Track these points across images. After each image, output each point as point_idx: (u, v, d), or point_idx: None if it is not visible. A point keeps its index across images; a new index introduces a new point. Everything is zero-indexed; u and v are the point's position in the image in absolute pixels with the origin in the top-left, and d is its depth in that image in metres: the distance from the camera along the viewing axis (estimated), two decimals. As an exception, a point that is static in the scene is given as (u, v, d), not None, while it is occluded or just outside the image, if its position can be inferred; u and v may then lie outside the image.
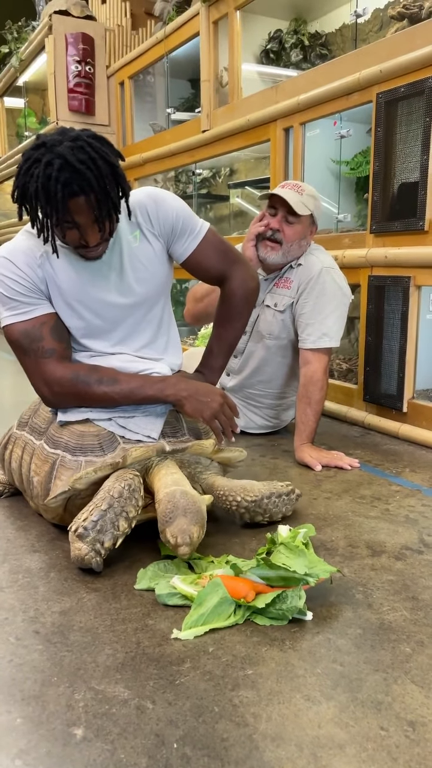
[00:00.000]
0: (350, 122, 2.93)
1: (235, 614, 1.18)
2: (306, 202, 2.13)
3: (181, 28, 3.96)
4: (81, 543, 1.31)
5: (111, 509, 1.33)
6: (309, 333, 2.16)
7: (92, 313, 1.53)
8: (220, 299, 1.73)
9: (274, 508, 1.56)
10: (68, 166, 1.29)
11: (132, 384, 1.49)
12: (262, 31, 3.84)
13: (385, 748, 0.88)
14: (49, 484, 1.48)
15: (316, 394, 2.12)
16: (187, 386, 1.50)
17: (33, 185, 1.31)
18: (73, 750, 0.87)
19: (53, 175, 1.28)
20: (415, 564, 1.41)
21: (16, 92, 6.54)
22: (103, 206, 1.35)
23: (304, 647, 1.10)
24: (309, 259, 2.23)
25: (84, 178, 1.30)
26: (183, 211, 1.58)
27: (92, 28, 4.93)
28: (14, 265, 1.46)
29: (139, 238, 1.55)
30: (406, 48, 2.30)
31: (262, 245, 2.19)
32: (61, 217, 1.33)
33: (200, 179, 4.59)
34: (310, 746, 0.88)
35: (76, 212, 1.33)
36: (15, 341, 1.50)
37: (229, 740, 0.89)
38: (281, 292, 2.25)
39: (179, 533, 1.28)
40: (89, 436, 1.50)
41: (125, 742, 0.89)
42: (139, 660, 1.07)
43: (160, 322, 1.64)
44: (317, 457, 2.09)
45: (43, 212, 1.34)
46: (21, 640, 1.13)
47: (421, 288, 2.36)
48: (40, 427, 1.62)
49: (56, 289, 1.50)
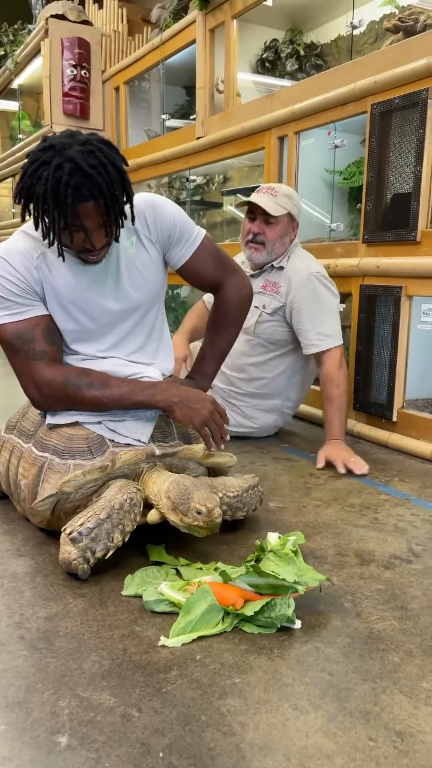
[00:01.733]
0: (344, 132, 2.94)
1: (223, 622, 1.16)
2: (281, 202, 2.24)
3: (178, 35, 3.97)
4: (72, 547, 1.30)
5: (109, 519, 1.31)
6: (310, 339, 2.25)
7: (87, 317, 1.52)
8: (214, 306, 1.73)
9: (249, 500, 1.59)
10: (79, 171, 1.28)
11: (123, 389, 1.48)
12: (258, 41, 3.87)
13: (373, 758, 0.87)
14: (36, 487, 1.46)
15: (333, 390, 2.20)
16: (178, 392, 1.49)
17: (41, 187, 1.30)
18: (57, 758, 0.86)
19: (63, 179, 1.27)
20: (403, 573, 1.41)
21: (10, 95, 6.53)
22: (111, 211, 1.35)
23: (292, 656, 1.09)
24: (295, 264, 2.32)
25: (94, 183, 1.29)
26: (180, 218, 1.58)
27: (88, 32, 4.94)
28: (10, 265, 1.45)
29: (136, 243, 1.55)
30: (401, 60, 2.32)
31: (247, 248, 2.33)
32: (69, 221, 1.32)
33: (194, 186, 4.60)
34: (298, 756, 0.87)
35: (85, 216, 1.32)
36: (6, 341, 1.49)
37: (216, 749, 0.88)
38: (270, 295, 2.34)
39: (206, 500, 1.30)
40: (78, 440, 1.48)
41: (110, 750, 0.87)
42: (125, 667, 1.05)
43: (153, 327, 1.63)
44: (336, 455, 2.15)
45: (51, 215, 1.33)
46: (5, 645, 1.11)
47: (412, 298, 2.37)
48: (29, 430, 1.61)
49: (51, 292, 1.49)
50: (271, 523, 1.67)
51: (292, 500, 1.85)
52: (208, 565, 1.38)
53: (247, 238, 2.31)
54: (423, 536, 1.61)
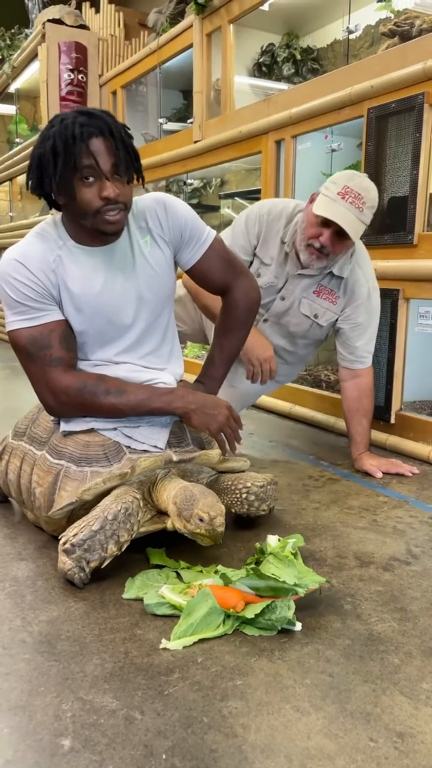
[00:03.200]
0: (341, 136, 2.96)
1: (224, 624, 1.17)
2: (365, 219, 1.93)
3: (175, 40, 3.99)
4: (66, 558, 1.30)
5: (102, 531, 1.30)
6: (357, 355, 2.15)
7: (103, 318, 1.50)
8: (222, 309, 1.71)
9: (271, 494, 1.63)
10: (85, 113, 1.34)
11: (140, 395, 1.46)
12: (255, 45, 3.88)
13: (374, 759, 0.88)
14: (53, 495, 1.44)
15: (370, 404, 2.21)
16: (195, 399, 1.49)
17: (48, 143, 1.33)
18: (60, 761, 0.86)
19: (70, 122, 1.31)
20: (403, 575, 1.42)
21: (7, 99, 6.54)
22: (121, 151, 1.35)
23: (293, 658, 1.10)
24: (356, 275, 2.11)
25: (103, 121, 1.33)
26: (192, 218, 1.57)
27: (85, 37, 4.95)
28: (27, 269, 1.42)
29: (150, 243, 1.53)
30: (397, 64, 2.33)
31: (307, 251, 2.02)
32: (81, 159, 1.31)
33: (191, 189, 4.62)
34: (300, 757, 0.87)
35: (97, 153, 1.32)
36: (21, 347, 1.46)
37: (218, 751, 0.88)
38: (324, 305, 2.13)
39: (209, 508, 1.31)
40: (94, 446, 1.47)
41: (113, 752, 0.88)
42: (127, 670, 1.06)
43: (166, 329, 1.62)
44: (377, 465, 2.16)
45: (62, 160, 1.32)
46: (7, 649, 1.12)
47: (410, 301, 2.39)
48: (41, 436, 1.59)
49: (68, 294, 1.46)
50: (271, 525, 1.68)
51: (291, 503, 1.86)
52: (209, 568, 1.38)
53: (311, 243, 1.99)
54: (422, 538, 1.62)
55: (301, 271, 2.10)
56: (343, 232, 1.91)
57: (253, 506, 1.59)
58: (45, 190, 1.39)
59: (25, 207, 6.56)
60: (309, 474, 2.14)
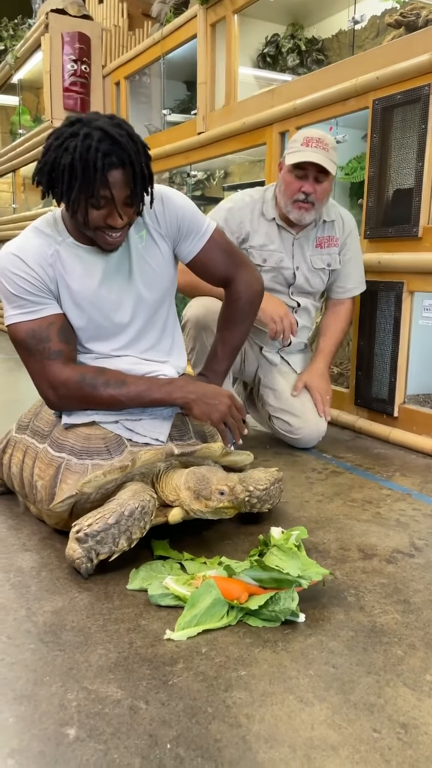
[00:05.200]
0: (346, 128, 2.94)
1: (228, 615, 1.18)
2: (332, 157, 2.13)
3: (179, 30, 3.96)
4: (77, 545, 1.30)
5: (117, 525, 1.30)
6: (354, 282, 2.37)
7: (101, 315, 1.50)
8: (225, 302, 1.70)
9: (275, 493, 1.63)
10: (108, 138, 1.29)
11: (139, 387, 1.46)
12: (259, 35, 3.86)
13: (378, 750, 0.88)
14: (54, 488, 1.44)
15: (345, 325, 2.39)
16: (195, 389, 1.49)
17: (67, 157, 1.29)
18: (66, 750, 0.87)
19: (93, 146, 1.28)
20: (406, 567, 1.42)
21: (10, 90, 6.51)
22: (139, 182, 1.35)
23: (296, 649, 1.10)
24: (338, 210, 2.34)
25: (124, 150, 1.30)
26: (190, 211, 1.56)
27: (89, 27, 4.93)
28: (24, 263, 1.43)
29: (146, 238, 1.53)
30: (403, 55, 2.32)
31: (295, 208, 2.18)
32: (97, 189, 1.30)
33: (195, 181, 4.60)
34: (303, 747, 0.88)
35: (114, 185, 1.31)
36: (20, 341, 1.46)
37: (223, 741, 0.89)
38: (329, 251, 2.32)
39: (225, 480, 1.33)
40: (96, 439, 1.47)
41: (118, 742, 0.88)
42: (131, 660, 1.06)
43: (165, 324, 1.62)
44: (316, 387, 2.28)
45: (78, 184, 1.31)
46: (13, 639, 1.12)
47: (414, 294, 2.38)
48: (43, 430, 1.59)
49: (65, 289, 1.47)
50: (274, 518, 1.68)
51: (294, 495, 1.86)
52: (212, 559, 1.39)
53: (296, 198, 2.15)
54: (425, 531, 1.62)
55: (297, 236, 2.27)
56: (320, 177, 2.13)
57: (255, 507, 1.59)
58: (52, 192, 1.39)
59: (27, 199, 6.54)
60: (312, 467, 2.14)
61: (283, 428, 2.30)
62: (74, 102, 4.88)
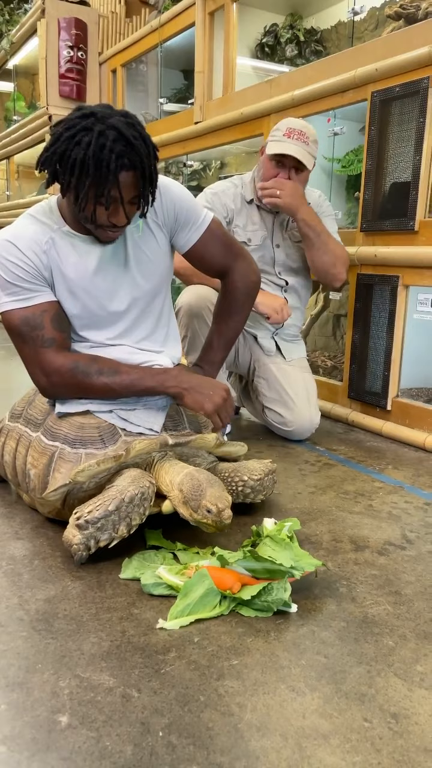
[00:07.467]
0: (344, 120, 2.94)
1: (220, 605, 1.18)
2: (312, 151, 2.19)
3: (176, 18, 3.93)
4: (78, 532, 1.30)
5: (117, 512, 1.30)
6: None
7: (95, 303, 1.50)
8: (221, 293, 1.70)
9: (268, 485, 1.63)
10: (123, 139, 1.29)
11: (133, 375, 1.46)
12: (258, 25, 3.83)
13: (368, 739, 0.89)
14: (47, 477, 1.44)
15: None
16: (189, 378, 1.48)
17: (80, 153, 1.29)
18: (58, 737, 0.87)
19: (108, 146, 1.27)
20: (397, 559, 1.43)
21: (5, 75, 6.45)
22: (147, 185, 1.36)
23: (288, 639, 1.11)
24: (314, 195, 2.38)
25: (137, 153, 1.31)
26: (187, 200, 1.56)
27: (86, 13, 4.88)
28: (18, 249, 1.42)
29: (142, 227, 1.52)
30: (402, 48, 2.31)
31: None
32: (108, 189, 1.31)
33: (191, 171, 4.58)
34: (295, 736, 0.88)
35: (124, 186, 1.32)
36: (14, 328, 1.46)
37: (215, 729, 0.89)
38: None
39: (217, 500, 1.31)
40: (90, 428, 1.47)
41: (110, 729, 0.89)
42: (124, 649, 1.06)
43: (161, 314, 1.61)
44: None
45: (89, 182, 1.30)
46: (5, 626, 1.12)
47: (409, 287, 2.38)
48: (36, 418, 1.58)
49: (60, 277, 1.47)
50: (267, 509, 1.68)
51: (287, 486, 1.87)
52: (205, 549, 1.39)
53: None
54: (416, 523, 1.63)
55: (276, 216, 2.32)
56: (298, 167, 2.19)
57: (248, 497, 1.60)
58: (57, 181, 1.38)
59: (22, 186, 6.50)
60: (305, 459, 2.15)
61: (276, 420, 2.31)
62: (70, 89, 4.84)
